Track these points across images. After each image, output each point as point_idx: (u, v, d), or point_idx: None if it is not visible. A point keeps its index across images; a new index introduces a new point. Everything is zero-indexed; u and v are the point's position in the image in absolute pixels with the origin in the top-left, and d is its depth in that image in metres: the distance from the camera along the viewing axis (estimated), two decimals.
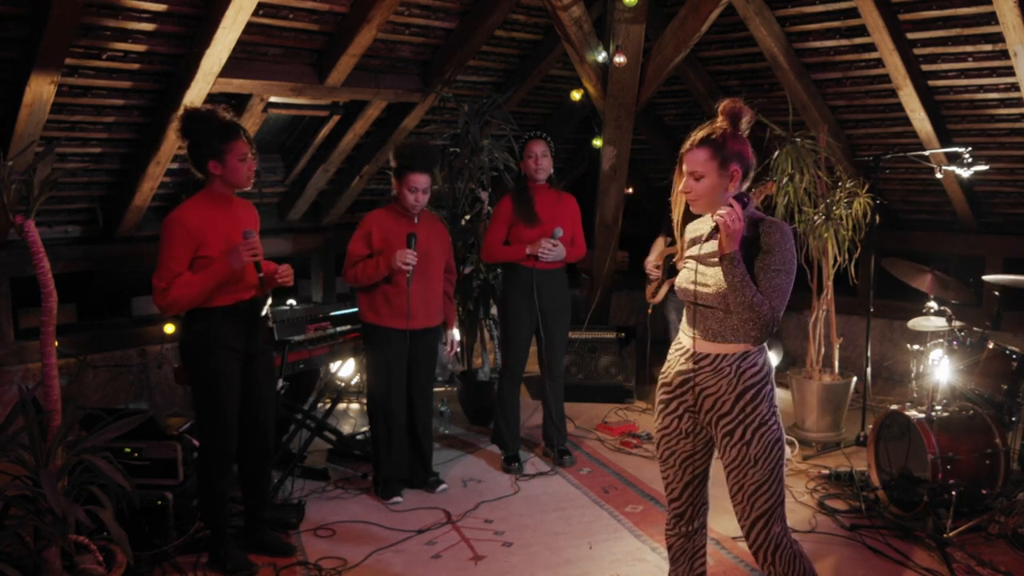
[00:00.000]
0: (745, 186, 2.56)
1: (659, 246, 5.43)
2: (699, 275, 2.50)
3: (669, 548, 2.79)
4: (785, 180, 4.91)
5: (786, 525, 2.53)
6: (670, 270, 5.28)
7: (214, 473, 3.38)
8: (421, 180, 4.02)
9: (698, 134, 2.54)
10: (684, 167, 2.55)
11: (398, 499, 4.16)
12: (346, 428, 5.27)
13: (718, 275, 2.45)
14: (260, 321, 3.42)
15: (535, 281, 4.45)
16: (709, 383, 2.50)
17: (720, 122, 2.54)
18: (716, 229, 2.42)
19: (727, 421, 2.48)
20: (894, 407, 4.02)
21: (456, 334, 4.06)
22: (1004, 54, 4.61)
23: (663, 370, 2.66)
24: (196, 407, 3.40)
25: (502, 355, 4.70)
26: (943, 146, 5.19)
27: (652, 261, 5.46)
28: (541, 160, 4.46)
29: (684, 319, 2.63)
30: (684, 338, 2.60)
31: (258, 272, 3.30)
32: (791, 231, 2.48)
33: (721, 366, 2.48)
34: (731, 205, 2.40)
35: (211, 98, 4.61)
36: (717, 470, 2.66)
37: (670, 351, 2.66)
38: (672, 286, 5.26)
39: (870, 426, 4.23)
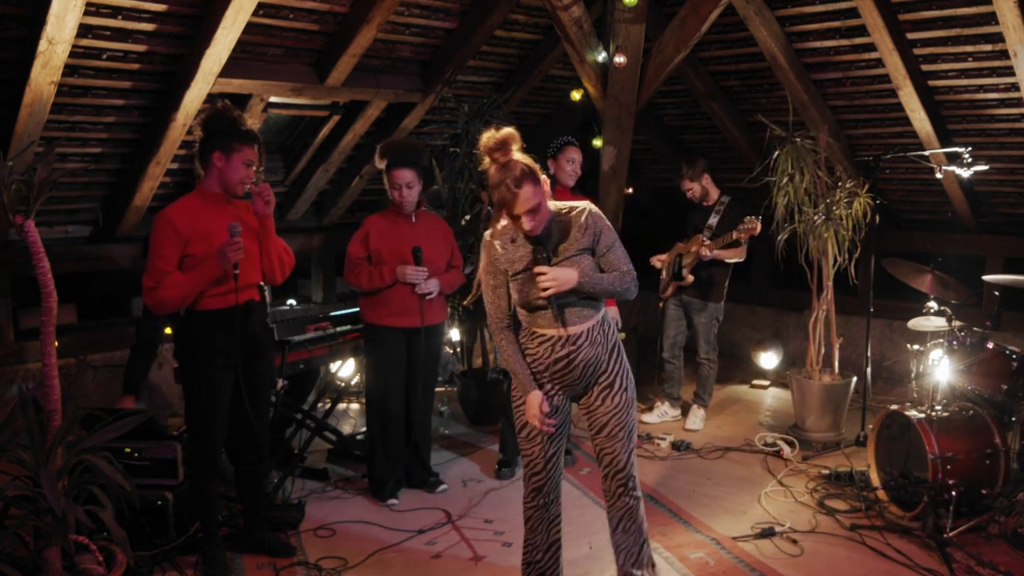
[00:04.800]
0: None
1: (677, 250, 5.41)
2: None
3: (527, 520, 3.05)
4: (785, 180, 4.91)
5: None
6: (676, 271, 5.30)
7: (201, 474, 3.37)
8: (403, 176, 4.00)
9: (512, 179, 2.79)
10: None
11: (394, 500, 4.16)
12: (346, 428, 5.27)
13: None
14: (254, 324, 3.38)
15: None
16: (588, 353, 2.88)
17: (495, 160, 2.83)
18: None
19: (605, 376, 2.93)
20: (894, 407, 4.02)
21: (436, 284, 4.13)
22: (1004, 54, 4.61)
23: (528, 363, 2.92)
24: (186, 409, 3.39)
25: None
26: (943, 146, 5.19)
27: (659, 258, 5.47)
28: (578, 167, 4.48)
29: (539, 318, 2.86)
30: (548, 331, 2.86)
31: (234, 270, 3.24)
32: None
33: (594, 336, 2.88)
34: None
35: (211, 98, 4.61)
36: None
37: (534, 348, 2.89)
38: (678, 286, 5.32)
39: (870, 426, 4.24)
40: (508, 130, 2.79)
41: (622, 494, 2.99)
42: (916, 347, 4.38)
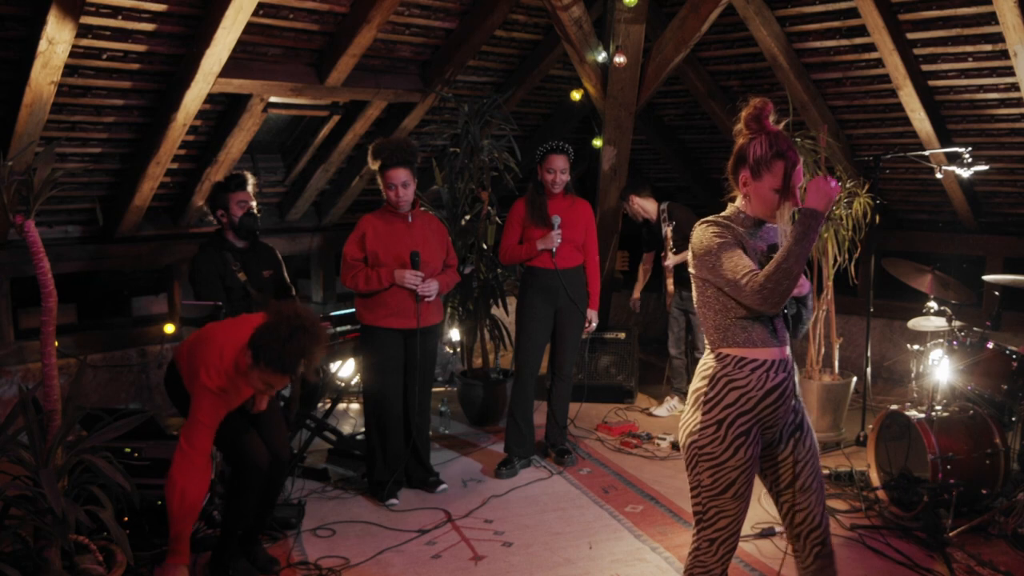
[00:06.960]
0: (761, 180, 2.37)
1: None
2: None
3: None
4: None
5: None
6: (679, 276, 5.32)
7: (247, 492, 3.30)
8: (399, 175, 3.98)
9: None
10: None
11: (394, 501, 4.15)
12: (346, 428, 5.27)
13: None
14: None
15: (562, 281, 4.46)
16: (794, 380, 2.44)
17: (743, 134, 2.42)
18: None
19: (796, 415, 2.47)
20: (894, 407, 4.02)
21: (436, 285, 4.13)
22: (1004, 54, 4.61)
23: (734, 401, 2.35)
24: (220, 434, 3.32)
25: (517, 359, 4.66)
26: (943, 146, 5.19)
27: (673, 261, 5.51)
28: (559, 176, 4.43)
29: (756, 330, 2.37)
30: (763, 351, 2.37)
31: None
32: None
33: (794, 360, 2.46)
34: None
35: (211, 98, 4.61)
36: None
37: (744, 378, 2.35)
38: (676, 289, 5.35)
39: (870, 426, 4.23)
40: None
41: (820, 553, 2.47)
42: (916, 347, 4.38)
